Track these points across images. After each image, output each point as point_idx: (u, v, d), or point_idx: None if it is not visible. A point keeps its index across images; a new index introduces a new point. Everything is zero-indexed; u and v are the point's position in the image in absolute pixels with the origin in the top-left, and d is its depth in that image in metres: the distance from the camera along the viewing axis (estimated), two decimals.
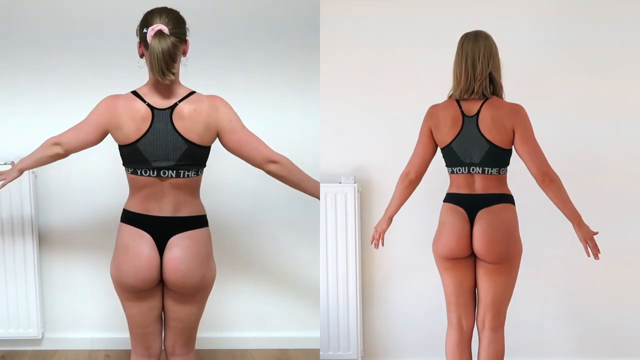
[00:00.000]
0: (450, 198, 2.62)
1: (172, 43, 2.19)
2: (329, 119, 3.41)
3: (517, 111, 2.48)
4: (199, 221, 2.37)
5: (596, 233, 2.48)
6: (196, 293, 2.36)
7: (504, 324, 2.58)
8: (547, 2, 3.34)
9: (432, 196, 2.82)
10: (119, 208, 2.41)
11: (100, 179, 3.50)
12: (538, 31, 3.34)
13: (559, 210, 2.50)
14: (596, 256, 2.47)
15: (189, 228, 2.32)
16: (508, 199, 2.53)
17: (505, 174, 2.53)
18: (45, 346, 3.65)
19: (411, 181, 2.69)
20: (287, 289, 3.74)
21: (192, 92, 2.32)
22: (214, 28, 3.45)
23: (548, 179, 2.43)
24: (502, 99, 2.53)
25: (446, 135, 2.57)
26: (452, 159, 2.58)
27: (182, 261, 2.28)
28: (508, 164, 2.53)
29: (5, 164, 3.38)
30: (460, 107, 2.53)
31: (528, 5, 3.34)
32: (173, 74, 2.22)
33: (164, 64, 2.18)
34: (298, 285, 3.72)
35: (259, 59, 3.52)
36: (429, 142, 2.64)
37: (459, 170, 2.56)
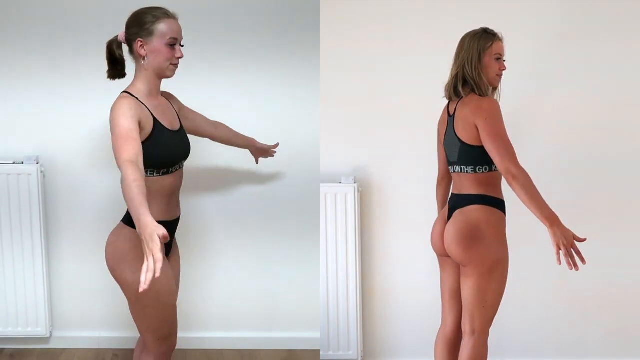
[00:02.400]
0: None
1: (108, 46, 2.40)
2: (329, 119, 3.41)
3: (480, 107, 2.38)
4: (125, 219, 2.41)
5: (582, 240, 2.22)
6: (120, 285, 2.38)
7: (478, 331, 2.47)
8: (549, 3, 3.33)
9: (432, 196, 2.82)
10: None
11: (108, 178, 3.52)
12: (541, 31, 3.33)
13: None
14: (575, 265, 2.17)
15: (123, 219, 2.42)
16: (484, 200, 2.45)
17: (486, 172, 2.43)
18: (53, 345, 3.68)
19: (438, 181, 2.79)
20: (287, 289, 3.74)
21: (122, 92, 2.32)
22: (213, 26, 3.47)
23: (510, 176, 2.25)
24: (484, 96, 2.44)
25: (441, 136, 2.62)
26: (447, 159, 2.61)
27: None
28: (488, 162, 2.40)
29: (14, 162, 3.44)
30: (448, 108, 2.57)
31: (530, 5, 3.33)
32: (110, 72, 2.42)
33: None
34: (298, 286, 3.72)
35: (258, 59, 3.52)
36: (440, 144, 2.69)
37: (450, 169, 2.58)
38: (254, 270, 3.72)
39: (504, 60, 2.50)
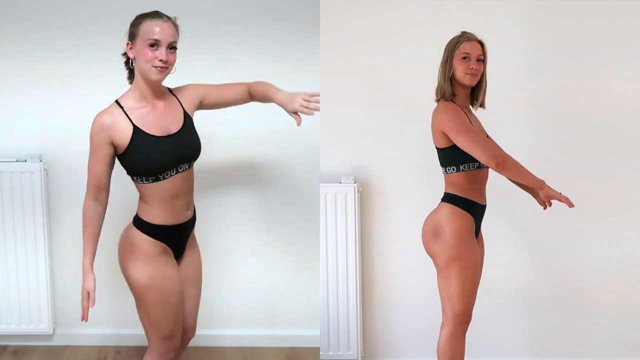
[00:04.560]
0: None
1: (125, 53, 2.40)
2: (328, 119, 3.40)
3: (437, 112, 2.49)
4: (133, 219, 2.47)
5: (567, 203, 2.39)
6: (127, 283, 2.46)
7: (448, 324, 2.56)
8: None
9: (432, 196, 2.79)
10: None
11: (112, 176, 3.53)
12: (530, 30, 3.32)
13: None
14: (569, 204, 2.37)
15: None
16: (450, 198, 2.55)
17: (454, 173, 2.51)
18: (56, 342, 3.71)
19: None
20: (288, 288, 3.75)
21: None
22: (213, 25, 3.47)
23: (500, 161, 2.31)
24: (445, 99, 2.52)
25: None
26: None
27: None
28: (454, 163, 2.49)
29: (17, 160, 3.45)
30: None
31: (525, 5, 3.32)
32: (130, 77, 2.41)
33: None
34: (298, 285, 3.73)
35: (258, 58, 3.52)
36: None
37: None
38: (255, 269, 3.73)
39: (481, 60, 2.50)
